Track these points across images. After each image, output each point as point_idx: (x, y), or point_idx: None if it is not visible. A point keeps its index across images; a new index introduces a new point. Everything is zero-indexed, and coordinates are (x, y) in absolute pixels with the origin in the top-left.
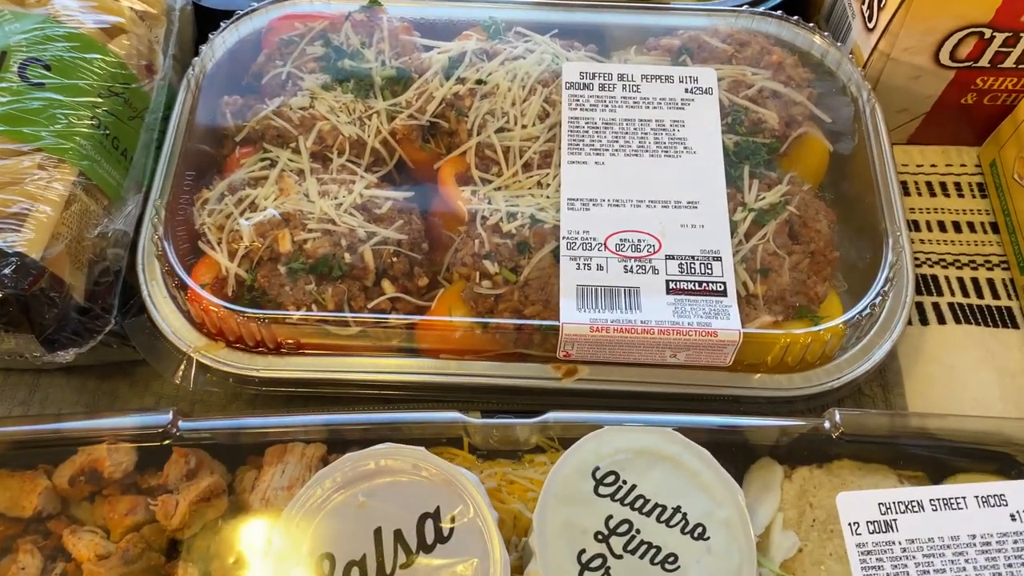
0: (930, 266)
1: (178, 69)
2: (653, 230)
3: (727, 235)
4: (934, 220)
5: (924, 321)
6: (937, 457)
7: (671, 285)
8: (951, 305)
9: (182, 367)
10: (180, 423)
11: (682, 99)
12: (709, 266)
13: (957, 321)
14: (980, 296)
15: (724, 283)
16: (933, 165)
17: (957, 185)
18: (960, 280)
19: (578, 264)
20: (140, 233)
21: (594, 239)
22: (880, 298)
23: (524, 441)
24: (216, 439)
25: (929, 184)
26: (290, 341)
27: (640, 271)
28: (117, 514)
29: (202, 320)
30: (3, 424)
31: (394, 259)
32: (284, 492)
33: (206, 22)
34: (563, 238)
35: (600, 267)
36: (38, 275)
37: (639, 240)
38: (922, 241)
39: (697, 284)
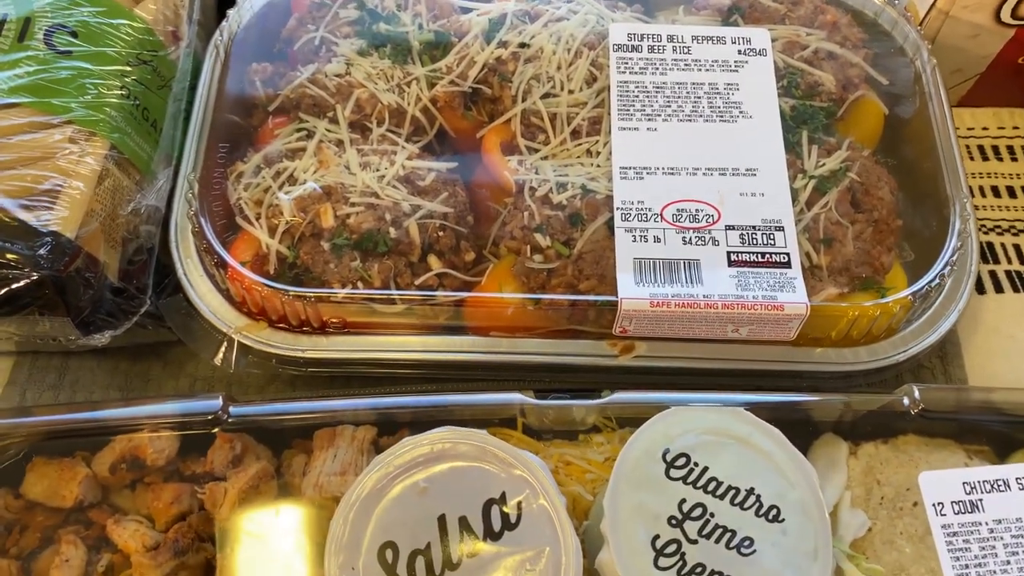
0: (985, 233)
1: (203, 35)
2: (711, 199)
3: (788, 204)
4: (987, 185)
5: (981, 290)
6: (1002, 431)
7: (733, 257)
8: (1008, 273)
9: (223, 349)
10: (231, 409)
11: (735, 61)
12: (771, 236)
13: (1015, 290)
14: None
15: (788, 254)
16: (985, 128)
17: (1010, 148)
18: (1016, 247)
19: (634, 236)
20: (172, 209)
21: (649, 209)
22: (948, 268)
23: (581, 421)
24: (263, 424)
25: (981, 148)
26: (335, 320)
27: (700, 242)
28: (162, 503)
29: (243, 299)
30: (41, 412)
31: (440, 233)
32: (337, 478)
33: None
34: (617, 209)
35: (657, 239)
36: (73, 255)
37: (697, 210)
38: (977, 207)
39: (760, 255)
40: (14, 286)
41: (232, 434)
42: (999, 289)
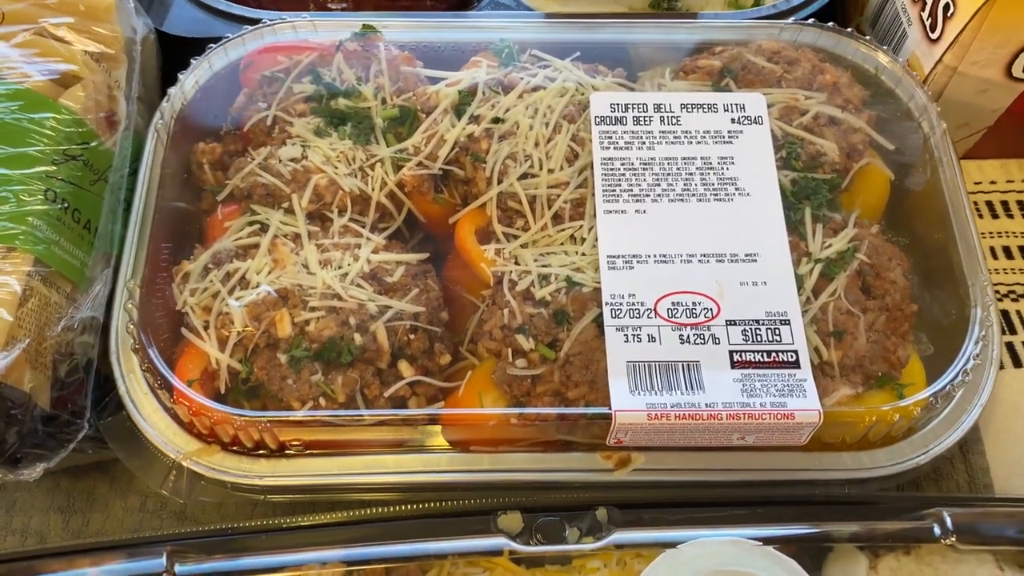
0: (1000, 299)
1: (144, 112)
2: (709, 290)
3: (794, 292)
4: (999, 245)
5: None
6: None
7: (736, 357)
8: None
9: (172, 475)
10: (177, 567)
11: (729, 131)
12: (777, 331)
13: None
14: None
15: (796, 352)
16: (992, 182)
17: (1021, 204)
18: None
19: (626, 335)
20: (112, 315)
21: (642, 304)
22: (971, 362)
23: (572, 544)
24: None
25: (990, 204)
26: (296, 442)
27: (699, 341)
28: None
29: (191, 422)
30: None
31: (411, 336)
32: None
33: (172, 53)
34: (606, 304)
35: (652, 338)
36: (9, 387)
37: (694, 303)
38: (989, 271)
39: (766, 355)
40: None
41: None
42: (1018, 364)
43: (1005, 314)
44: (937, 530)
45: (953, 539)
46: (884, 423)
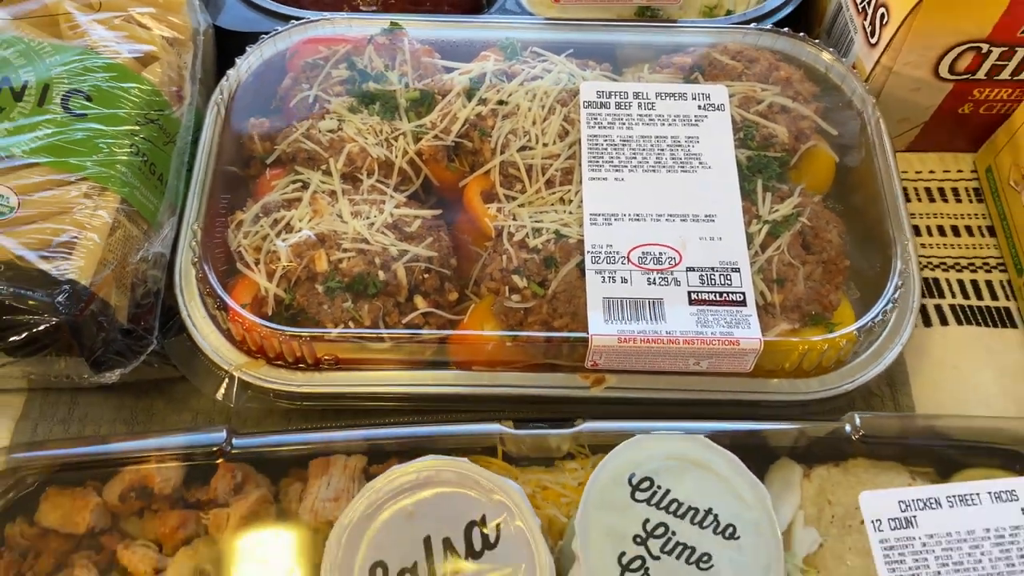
0: (931, 269)
1: (203, 93)
2: (673, 243)
3: (744, 247)
4: (934, 224)
5: (928, 323)
6: (945, 454)
7: (693, 296)
8: (952, 307)
9: (223, 385)
10: (234, 440)
11: (695, 116)
12: (728, 277)
13: (959, 322)
14: (980, 298)
15: (743, 293)
16: (932, 172)
17: (955, 191)
18: (960, 283)
19: (603, 277)
20: (177, 255)
21: (617, 252)
22: (891, 304)
23: (556, 448)
24: (263, 454)
25: (928, 190)
26: (328, 357)
27: (663, 283)
28: (169, 528)
29: (243, 339)
30: (54, 446)
31: (425, 275)
32: (331, 503)
33: (225, 45)
34: (587, 252)
35: (624, 279)
36: (88, 301)
37: (660, 253)
38: (923, 245)
39: (718, 295)
40: (34, 330)
41: (234, 464)
42: (944, 322)
43: (936, 281)
44: (848, 428)
45: (861, 433)
46: (815, 352)
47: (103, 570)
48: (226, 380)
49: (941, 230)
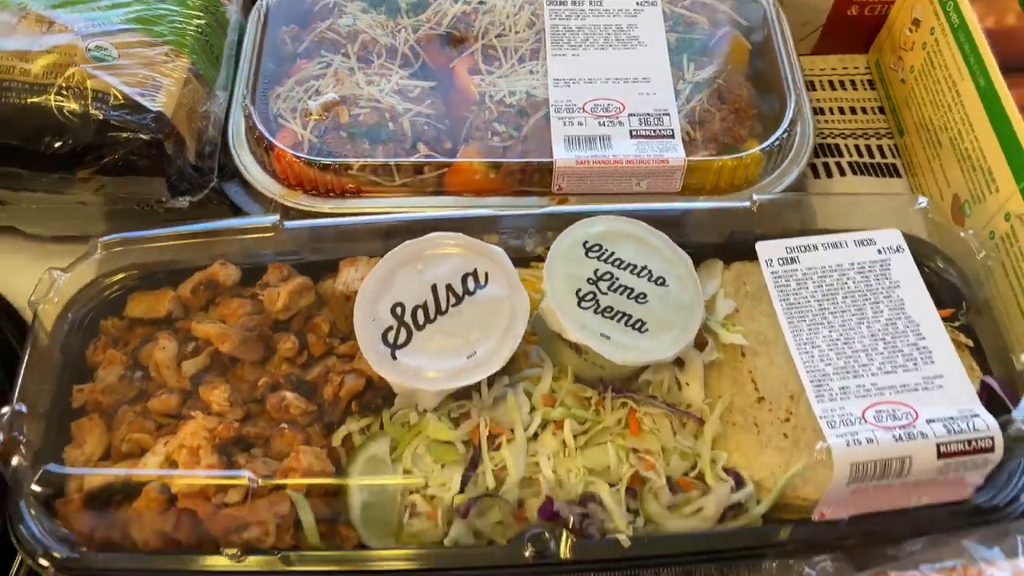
0: (832, 138)
1: (247, 5)
2: (617, 97)
3: (673, 99)
4: (835, 106)
5: (829, 175)
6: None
7: (633, 132)
8: (850, 164)
9: (270, 209)
10: (285, 223)
11: (635, 9)
12: (660, 119)
13: (855, 173)
14: (871, 156)
15: (672, 130)
16: (833, 68)
17: (852, 82)
18: (856, 146)
19: (564, 122)
20: (230, 116)
21: (575, 105)
22: (787, 134)
23: (531, 252)
24: (307, 245)
25: (831, 82)
26: (351, 187)
27: (610, 124)
28: (231, 310)
29: (285, 175)
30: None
31: (425, 127)
32: (358, 281)
33: None
34: (552, 105)
35: (580, 123)
36: (171, 129)
37: (608, 104)
38: (826, 121)
39: (653, 131)
40: (131, 147)
41: (281, 264)
42: (843, 173)
43: (836, 145)
44: (748, 203)
45: (757, 207)
46: (727, 169)
47: (182, 341)
48: (272, 206)
49: (841, 110)
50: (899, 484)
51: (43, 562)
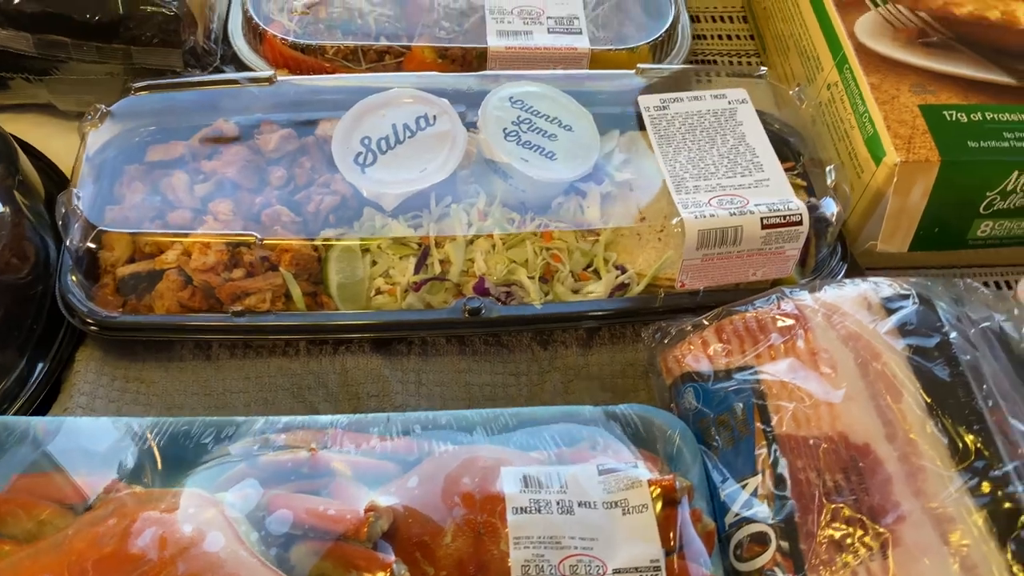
0: (711, 56)
1: None
2: (538, 7)
3: (582, 8)
4: (715, 35)
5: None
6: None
7: (550, 30)
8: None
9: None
10: (279, 77)
11: None
12: (572, 21)
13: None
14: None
15: (581, 29)
16: (715, 7)
17: (730, 17)
18: (730, 61)
19: (498, 21)
20: (229, 15)
21: (506, 9)
22: (667, 35)
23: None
24: (292, 106)
25: (712, 17)
26: (327, 66)
27: (533, 23)
28: (233, 151)
29: (274, 58)
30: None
31: (386, 24)
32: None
33: None
34: (487, 9)
35: (510, 22)
36: (187, 9)
37: (532, 9)
38: (707, 45)
39: (565, 29)
40: (158, 20)
41: (271, 120)
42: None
43: (714, 60)
44: (634, 72)
45: (641, 74)
46: (622, 58)
47: (192, 173)
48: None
49: (719, 37)
50: (736, 254)
51: (89, 321)
